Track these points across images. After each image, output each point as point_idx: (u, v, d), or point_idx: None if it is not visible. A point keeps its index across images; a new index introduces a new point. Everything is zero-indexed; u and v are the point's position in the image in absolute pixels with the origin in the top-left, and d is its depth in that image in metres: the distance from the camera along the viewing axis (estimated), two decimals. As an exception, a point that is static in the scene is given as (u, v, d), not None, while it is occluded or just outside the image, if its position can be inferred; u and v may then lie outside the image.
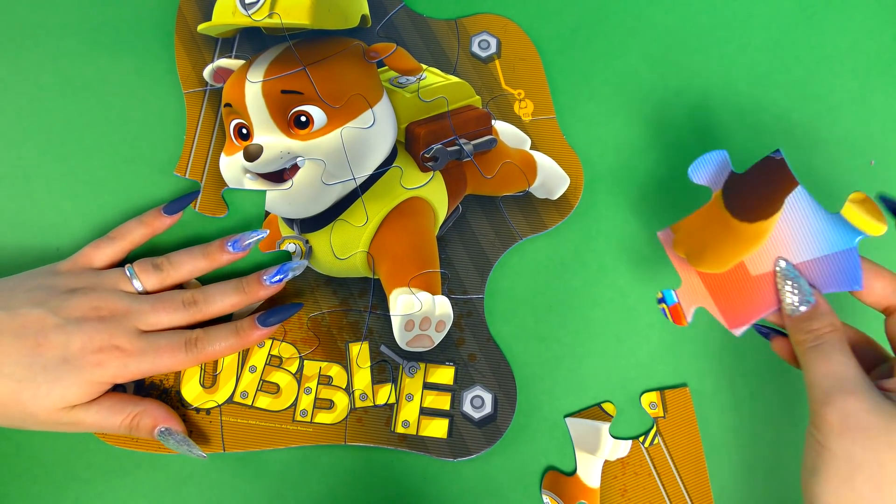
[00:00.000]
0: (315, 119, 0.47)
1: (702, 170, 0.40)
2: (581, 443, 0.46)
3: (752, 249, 0.39)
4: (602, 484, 0.46)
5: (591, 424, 0.47)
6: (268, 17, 0.49)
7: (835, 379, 0.34)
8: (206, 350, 0.44)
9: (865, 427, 0.33)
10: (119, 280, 0.44)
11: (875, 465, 0.32)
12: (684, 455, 0.46)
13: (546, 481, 0.46)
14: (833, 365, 0.35)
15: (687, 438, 0.46)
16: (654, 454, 0.46)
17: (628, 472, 0.46)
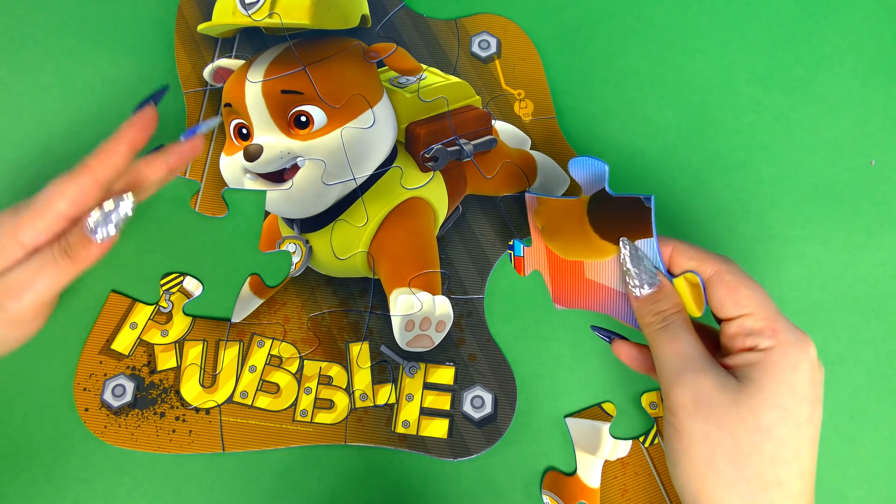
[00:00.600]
0: (315, 119, 0.47)
1: (582, 169, 0.41)
2: (581, 443, 0.46)
3: (594, 259, 0.41)
4: (602, 484, 0.46)
5: (591, 424, 0.47)
6: (268, 17, 0.49)
7: (683, 359, 0.35)
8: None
9: (717, 404, 0.34)
10: None
11: (730, 441, 0.33)
12: None
13: (546, 481, 0.46)
14: (681, 345, 0.36)
15: None
16: (654, 454, 0.46)
17: (628, 472, 0.46)
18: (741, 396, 0.34)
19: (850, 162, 0.50)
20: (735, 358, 0.36)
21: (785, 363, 0.34)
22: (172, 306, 0.49)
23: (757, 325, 0.35)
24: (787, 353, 0.34)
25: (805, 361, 0.35)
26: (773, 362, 0.34)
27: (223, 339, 0.48)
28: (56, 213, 0.39)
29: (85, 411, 0.47)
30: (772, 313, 0.36)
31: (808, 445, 0.34)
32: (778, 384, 0.34)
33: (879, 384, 0.48)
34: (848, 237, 0.49)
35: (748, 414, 0.33)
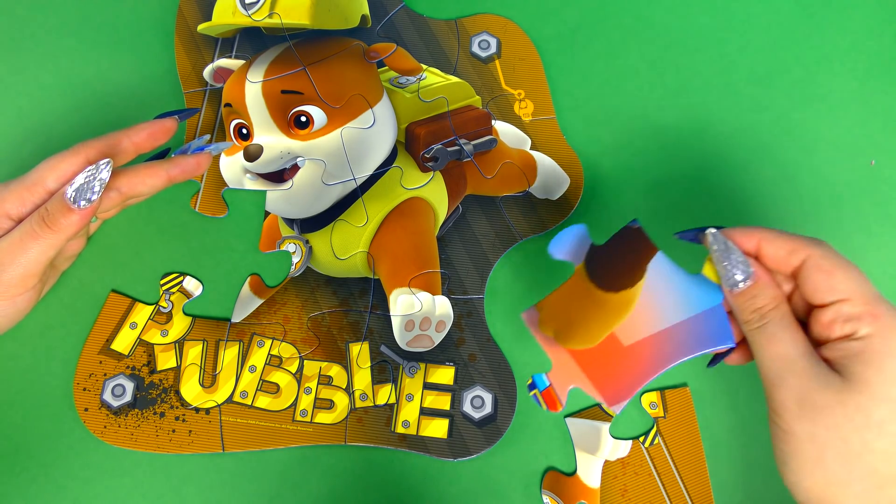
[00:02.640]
0: (315, 119, 0.47)
1: (562, 245, 0.39)
2: (581, 443, 0.46)
3: (621, 319, 0.39)
4: (602, 484, 0.46)
5: (591, 424, 0.47)
6: (268, 17, 0.49)
7: (784, 361, 0.34)
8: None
9: (822, 405, 0.32)
10: None
11: (839, 441, 0.32)
12: (684, 455, 0.46)
13: (546, 481, 0.46)
14: (781, 345, 0.34)
15: (687, 438, 0.46)
16: (654, 454, 0.46)
17: (628, 472, 0.46)
18: (847, 394, 0.32)
19: (850, 162, 0.51)
20: (834, 349, 0.34)
21: (889, 351, 0.32)
22: (172, 306, 0.49)
23: (855, 310, 0.33)
24: (889, 339, 0.32)
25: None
26: (875, 352, 0.32)
27: (223, 339, 0.48)
28: (45, 188, 0.40)
29: (85, 411, 0.47)
30: (871, 297, 0.33)
31: None
32: (884, 375, 0.32)
33: (879, 384, 0.48)
34: (848, 237, 0.49)
35: (856, 412, 0.32)
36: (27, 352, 0.49)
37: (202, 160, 0.44)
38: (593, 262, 0.39)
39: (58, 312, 0.49)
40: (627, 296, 0.38)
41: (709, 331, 0.38)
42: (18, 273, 0.40)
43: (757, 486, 0.47)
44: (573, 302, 0.39)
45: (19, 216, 0.40)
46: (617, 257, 0.38)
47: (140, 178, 0.42)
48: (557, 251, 0.39)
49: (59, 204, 0.39)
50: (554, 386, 0.40)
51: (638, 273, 0.38)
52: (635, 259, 0.38)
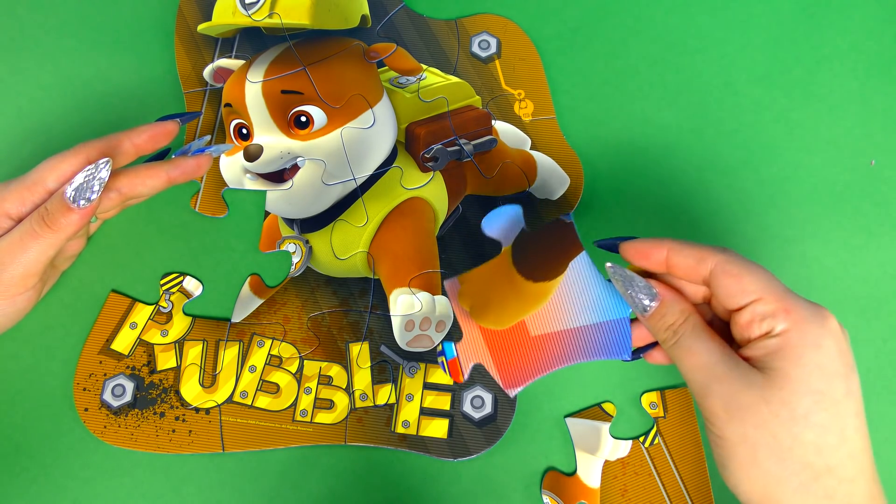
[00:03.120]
0: (315, 119, 0.47)
1: (494, 223, 0.40)
2: (581, 443, 0.46)
3: (534, 309, 0.39)
4: (602, 484, 0.46)
5: (590, 424, 0.47)
6: (268, 17, 0.49)
7: (704, 370, 0.34)
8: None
9: (747, 405, 0.33)
10: None
11: (769, 438, 0.32)
12: (685, 455, 0.46)
13: (546, 481, 0.46)
14: (698, 356, 0.35)
15: (687, 438, 0.46)
16: (654, 454, 0.46)
17: (628, 472, 0.46)
18: (769, 390, 0.32)
19: (850, 162, 0.51)
20: (754, 348, 0.34)
21: (805, 343, 0.33)
22: (172, 306, 0.49)
23: (768, 308, 0.34)
24: (804, 331, 0.33)
25: (826, 336, 0.33)
26: (792, 346, 0.33)
27: (223, 339, 0.48)
28: (45, 188, 0.40)
29: (84, 411, 0.47)
30: (781, 293, 0.34)
31: (853, 420, 0.33)
32: (803, 367, 0.32)
33: (879, 384, 0.48)
34: (848, 237, 0.49)
35: (781, 407, 0.32)
36: (27, 352, 0.49)
37: (202, 162, 0.44)
38: (520, 247, 0.39)
39: (58, 312, 0.49)
40: (544, 288, 0.39)
41: (610, 341, 0.39)
42: (18, 272, 0.40)
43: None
44: (493, 282, 0.40)
45: (19, 216, 0.40)
46: (543, 248, 0.39)
47: (140, 179, 0.42)
48: (489, 228, 0.40)
49: (58, 203, 0.39)
50: (459, 358, 0.41)
51: (559, 268, 0.39)
52: (560, 254, 0.38)
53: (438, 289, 0.48)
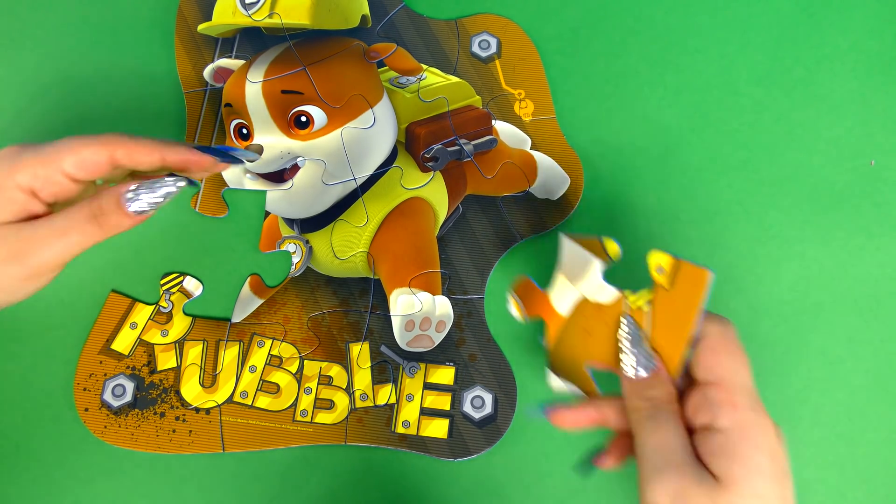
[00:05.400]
0: (315, 119, 0.47)
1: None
2: (567, 266, 0.41)
3: None
4: (571, 317, 0.41)
5: (584, 255, 0.41)
6: (268, 17, 0.49)
7: (666, 451, 0.34)
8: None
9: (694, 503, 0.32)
10: None
11: None
12: (669, 336, 0.38)
13: (517, 286, 0.43)
14: (666, 436, 0.34)
15: (680, 321, 0.37)
16: (636, 317, 0.38)
17: (601, 318, 0.40)
18: (717, 494, 0.32)
19: (850, 162, 0.51)
20: (702, 444, 0.34)
21: (748, 445, 0.33)
22: (172, 306, 0.49)
23: (718, 396, 0.34)
24: (746, 432, 0.33)
25: (767, 440, 0.33)
26: (735, 446, 0.33)
27: (223, 339, 0.48)
28: (61, 168, 0.38)
29: (85, 411, 0.47)
30: (739, 387, 0.34)
31: None
32: (748, 470, 0.32)
33: (878, 385, 0.48)
34: (847, 238, 0.49)
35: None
36: (27, 352, 0.49)
37: (204, 160, 0.41)
38: None
39: (58, 312, 0.49)
40: None
41: None
42: (51, 259, 0.38)
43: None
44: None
45: (30, 189, 0.38)
46: None
47: (136, 149, 0.39)
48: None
49: (114, 205, 0.37)
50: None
51: None
52: None
53: (439, 289, 0.48)
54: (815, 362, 0.48)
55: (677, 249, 0.49)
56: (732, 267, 0.49)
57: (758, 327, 0.48)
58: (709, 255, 0.49)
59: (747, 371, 0.35)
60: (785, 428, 0.47)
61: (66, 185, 0.38)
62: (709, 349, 0.35)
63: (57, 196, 0.39)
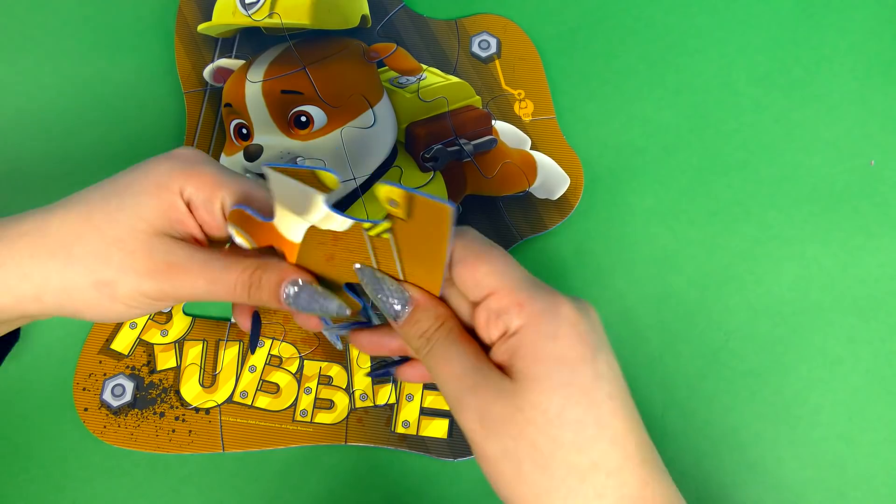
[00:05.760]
0: (315, 119, 0.47)
1: None
2: (283, 200, 0.34)
3: None
4: (305, 242, 0.35)
5: (300, 188, 0.34)
6: (268, 17, 0.49)
7: (457, 380, 0.31)
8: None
9: (503, 416, 0.30)
10: None
11: (530, 448, 0.30)
12: (420, 263, 0.34)
13: (233, 218, 0.35)
14: (451, 365, 0.32)
15: (430, 250, 0.33)
16: (378, 245, 0.34)
17: (340, 246, 0.35)
18: (520, 396, 0.30)
19: (849, 162, 0.51)
20: (498, 352, 0.31)
21: (540, 337, 0.30)
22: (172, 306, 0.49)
23: (501, 303, 0.30)
24: (539, 326, 0.30)
25: (562, 324, 0.30)
26: (530, 343, 0.30)
27: (223, 339, 0.48)
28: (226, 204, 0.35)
29: (84, 411, 0.47)
30: (515, 286, 0.31)
31: (608, 404, 0.30)
32: (544, 364, 0.30)
33: (878, 385, 0.48)
34: (847, 238, 0.49)
35: (533, 411, 0.29)
36: (27, 352, 0.49)
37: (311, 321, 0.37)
38: None
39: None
40: None
41: None
42: (185, 296, 0.34)
43: (757, 486, 0.47)
44: None
45: (191, 206, 0.35)
46: None
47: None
48: None
49: (272, 287, 0.34)
50: None
51: None
52: None
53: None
54: (815, 362, 0.48)
55: (677, 249, 0.49)
56: (732, 267, 0.49)
57: (758, 327, 0.48)
58: (709, 255, 0.49)
59: (512, 266, 0.32)
60: (785, 428, 0.47)
61: (217, 223, 0.35)
62: (465, 266, 0.32)
63: (206, 228, 0.36)
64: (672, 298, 0.49)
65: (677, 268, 0.49)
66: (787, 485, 0.47)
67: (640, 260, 0.50)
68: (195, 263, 0.34)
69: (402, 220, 0.33)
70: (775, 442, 0.47)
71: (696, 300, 0.49)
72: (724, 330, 0.48)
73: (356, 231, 0.34)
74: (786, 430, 0.48)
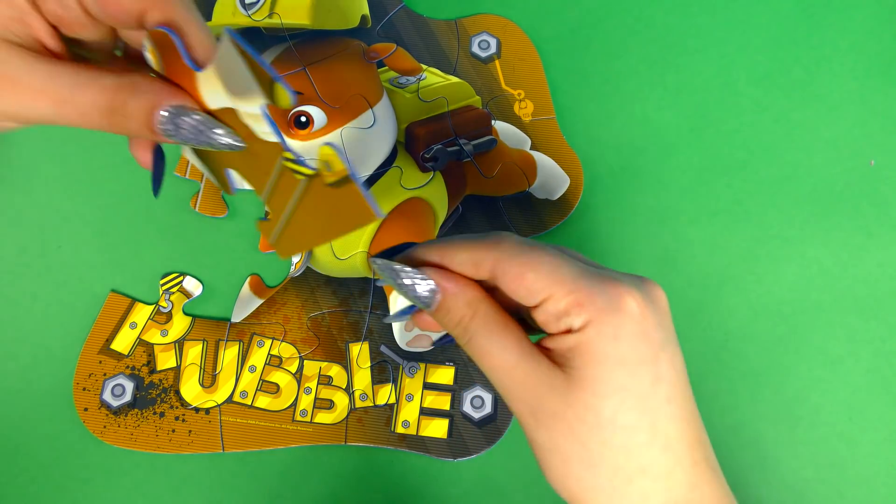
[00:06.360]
0: (315, 119, 0.47)
1: None
2: (223, 69, 0.28)
3: None
4: (218, 112, 0.30)
5: (248, 77, 0.28)
6: (268, 17, 0.49)
7: (503, 372, 0.30)
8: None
9: (553, 411, 0.30)
10: None
11: (579, 446, 0.30)
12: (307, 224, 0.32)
13: (155, 35, 0.29)
14: (494, 357, 0.31)
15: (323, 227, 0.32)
16: (284, 177, 0.31)
17: (250, 145, 0.30)
18: (572, 395, 0.29)
19: (849, 162, 0.51)
20: (554, 341, 0.30)
21: (602, 337, 0.29)
22: (172, 306, 0.49)
23: (559, 306, 0.29)
24: (600, 325, 0.29)
25: (624, 323, 0.29)
26: (589, 342, 0.29)
27: (223, 339, 0.48)
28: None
29: (84, 411, 0.47)
30: (570, 285, 0.29)
31: (665, 409, 0.29)
32: (603, 366, 0.29)
33: (878, 384, 0.48)
34: (847, 237, 0.49)
35: (586, 412, 0.29)
36: (27, 352, 0.49)
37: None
38: None
39: (58, 312, 0.49)
40: None
41: None
42: (24, 114, 0.28)
43: (757, 486, 0.47)
44: None
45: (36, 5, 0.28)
46: None
47: (172, 14, 0.29)
48: None
49: (143, 114, 0.28)
50: None
51: None
52: None
53: (438, 289, 0.48)
54: (815, 362, 0.48)
55: (677, 249, 0.49)
56: (732, 267, 0.49)
57: (758, 327, 0.48)
58: (709, 255, 0.49)
59: (563, 263, 0.30)
60: (785, 428, 0.47)
61: (80, 21, 0.29)
62: (512, 277, 0.30)
63: (67, 30, 0.30)
64: (672, 298, 0.49)
65: (677, 268, 0.49)
66: (787, 485, 0.47)
67: (640, 260, 0.50)
68: (36, 77, 0.28)
69: (325, 186, 0.30)
70: (775, 442, 0.47)
71: (696, 300, 0.49)
72: (724, 330, 0.48)
73: (274, 149, 0.31)
74: (786, 430, 0.48)
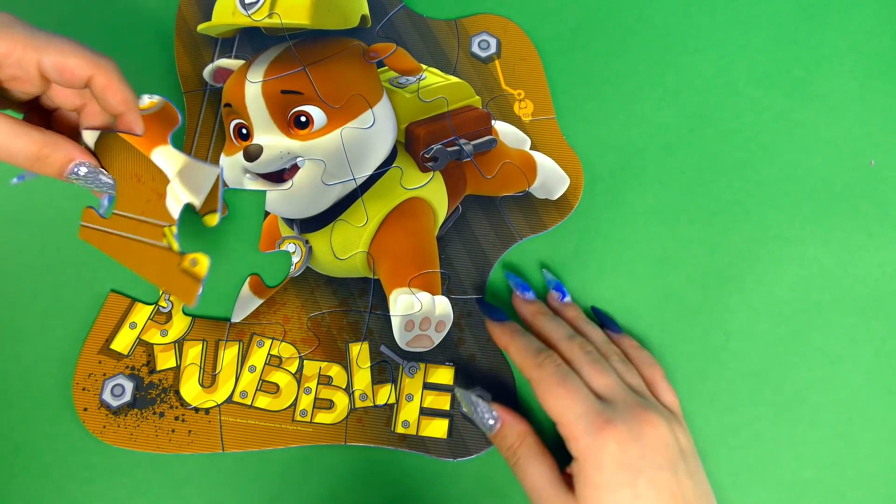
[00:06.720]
0: (315, 119, 0.47)
1: None
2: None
3: None
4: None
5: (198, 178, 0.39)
6: (268, 17, 0.49)
7: (537, 493, 0.40)
8: None
9: None
10: None
11: None
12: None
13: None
14: (531, 479, 0.40)
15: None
16: (165, 235, 0.39)
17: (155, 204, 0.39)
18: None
19: (849, 162, 0.51)
20: (572, 466, 0.39)
21: (591, 467, 0.38)
22: (172, 306, 0.49)
23: (563, 433, 0.39)
24: (588, 458, 0.38)
25: (605, 458, 0.38)
26: (583, 470, 0.38)
27: (223, 339, 0.48)
28: (37, 59, 0.35)
29: (84, 411, 0.47)
30: (573, 422, 0.39)
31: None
32: (592, 490, 0.38)
33: (879, 384, 0.48)
34: (847, 237, 0.49)
35: None
36: (27, 352, 0.49)
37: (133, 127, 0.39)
38: None
39: (58, 312, 0.49)
40: None
41: None
42: None
43: (757, 486, 0.47)
44: None
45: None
46: None
47: (112, 91, 0.37)
48: None
49: (60, 163, 0.37)
50: None
51: None
52: None
53: (438, 289, 0.48)
54: (815, 362, 0.48)
55: (677, 249, 0.49)
56: (732, 267, 0.49)
57: (758, 327, 0.48)
58: (709, 255, 0.49)
59: (577, 400, 0.39)
60: (785, 428, 0.47)
61: (31, 80, 0.36)
62: (539, 396, 0.41)
63: (14, 84, 0.37)
64: (672, 298, 0.49)
65: (677, 268, 0.49)
66: (787, 485, 0.47)
67: (640, 260, 0.50)
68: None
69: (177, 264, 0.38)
70: (775, 442, 0.47)
71: (696, 300, 0.49)
72: (724, 330, 0.48)
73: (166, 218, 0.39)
74: (786, 430, 0.48)
